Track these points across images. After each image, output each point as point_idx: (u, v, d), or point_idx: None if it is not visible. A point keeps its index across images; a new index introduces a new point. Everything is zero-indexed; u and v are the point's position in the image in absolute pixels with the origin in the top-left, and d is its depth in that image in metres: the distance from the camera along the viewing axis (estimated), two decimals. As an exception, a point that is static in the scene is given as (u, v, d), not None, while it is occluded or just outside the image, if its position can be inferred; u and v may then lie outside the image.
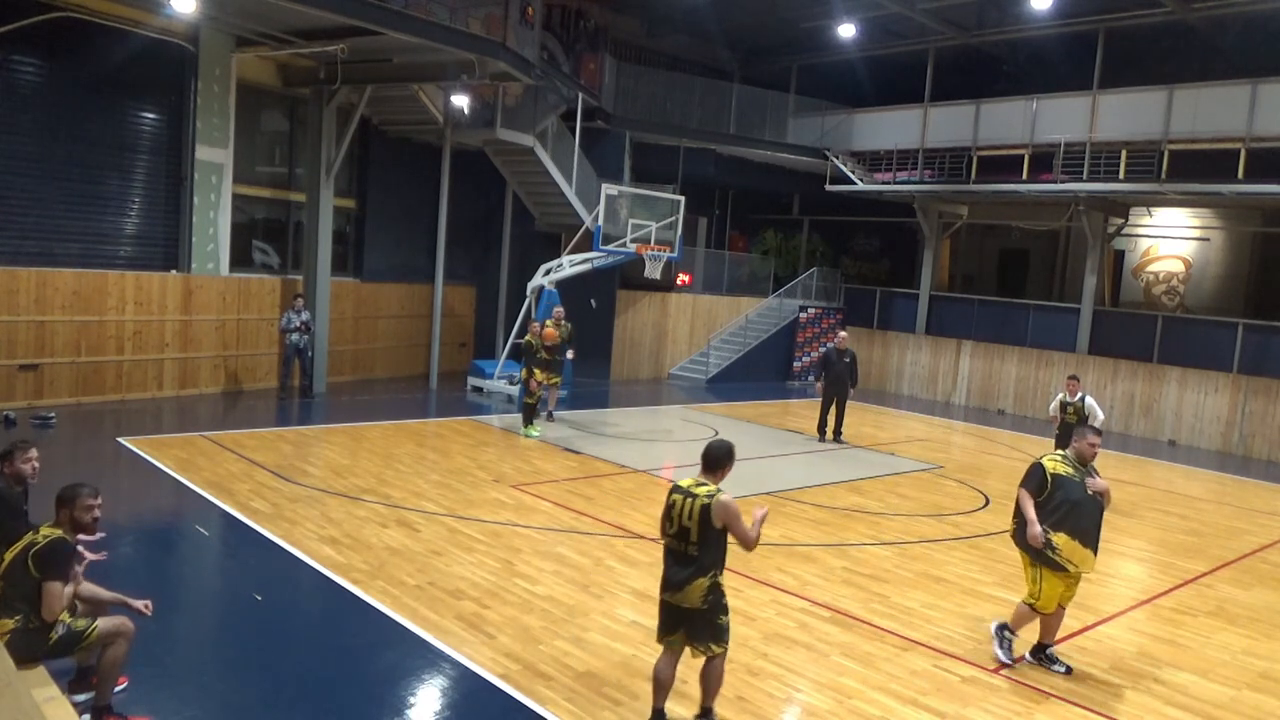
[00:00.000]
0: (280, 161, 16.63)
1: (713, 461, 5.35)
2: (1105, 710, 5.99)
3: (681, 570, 5.11)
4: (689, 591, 5.07)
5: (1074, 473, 6.39)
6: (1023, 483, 6.51)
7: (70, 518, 4.82)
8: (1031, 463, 6.59)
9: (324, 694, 5.54)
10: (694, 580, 5.06)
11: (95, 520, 4.92)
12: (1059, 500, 6.31)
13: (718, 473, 5.33)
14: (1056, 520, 6.29)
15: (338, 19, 12.43)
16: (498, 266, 19.93)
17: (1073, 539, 6.29)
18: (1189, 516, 11.97)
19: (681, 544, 5.12)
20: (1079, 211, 19.73)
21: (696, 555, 5.08)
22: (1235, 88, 16.58)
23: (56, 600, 4.63)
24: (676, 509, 5.16)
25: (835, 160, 21.89)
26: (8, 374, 12.60)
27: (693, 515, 5.08)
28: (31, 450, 5.62)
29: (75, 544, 4.86)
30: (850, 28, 20.41)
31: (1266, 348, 17.41)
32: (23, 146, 12.82)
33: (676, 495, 5.21)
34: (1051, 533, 6.29)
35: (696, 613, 5.09)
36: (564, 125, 18.68)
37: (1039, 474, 6.43)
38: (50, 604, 4.61)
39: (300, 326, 15.03)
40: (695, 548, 5.08)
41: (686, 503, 5.13)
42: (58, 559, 4.67)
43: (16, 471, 5.58)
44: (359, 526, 8.61)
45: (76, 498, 4.84)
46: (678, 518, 5.13)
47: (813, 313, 23.34)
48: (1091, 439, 6.50)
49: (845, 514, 10.55)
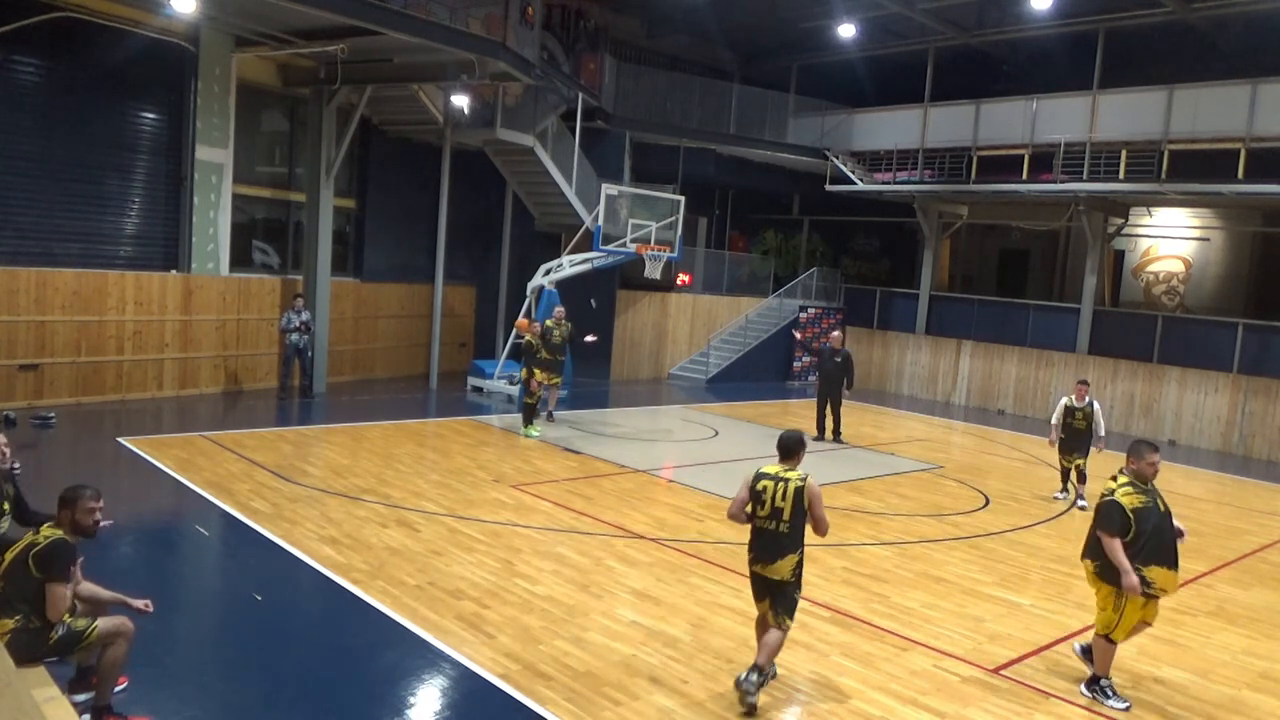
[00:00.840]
0: (280, 161, 16.63)
1: (789, 450, 5.89)
2: (1105, 710, 5.99)
3: (774, 546, 5.71)
4: (780, 565, 5.70)
5: (1145, 498, 6.03)
6: (1103, 527, 5.98)
7: (71, 519, 4.80)
8: (1102, 502, 6.08)
9: (324, 694, 5.54)
10: (786, 555, 5.70)
11: (97, 523, 4.89)
12: (1142, 533, 5.92)
13: (795, 459, 5.87)
14: (1145, 555, 5.91)
15: (338, 19, 12.43)
16: (498, 266, 19.93)
17: (1161, 566, 5.94)
18: (1189, 516, 11.95)
19: (774, 523, 5.71)
20: (1079, 211, 19.73)
21: (788, 533, 5.70)
22: (1235, 88, 16.58)
23: (60, 601, 4.62)
24: (768, 493, 5.72)
25: (835, 160, 21.89)
26: (8, 374, 12.60)
27: (786, 496, 5.68)
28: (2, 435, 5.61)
29: (77, 545, 4.83)
30: (850, 28, 20.41)
31: (1266, 348, 17.41)
32: (23, 146, 12.82)
33: (766, 481, 5.76)
34: (1143, 569, 5.90)
35: (784, 584, 5.73)
36: (564, 125, 18.68)
37: (1119, 515, 5.96)
38: (54, 605, 4.61)
39: (300, 326, 15.03)
40: (787, 525, 5.69)
41: (779, 486, 5.72)
42: (59, 559, 4.66)
43: None
44: (359, 526, 8.61)
45: (78, 499, 4.82)
46: (770, 500, 5.71)
47: (813, 313, 23.34)
48: (1151, 457, 6.13)
49: (845, 514, 10.55)
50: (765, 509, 5.73)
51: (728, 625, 6.89)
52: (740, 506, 5.83)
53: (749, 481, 5.83)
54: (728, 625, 6.89)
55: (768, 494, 5.73)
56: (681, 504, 10.42)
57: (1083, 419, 11.60)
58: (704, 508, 10.29)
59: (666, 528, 9.39)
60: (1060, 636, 7.20)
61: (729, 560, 8.44)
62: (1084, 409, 11.62)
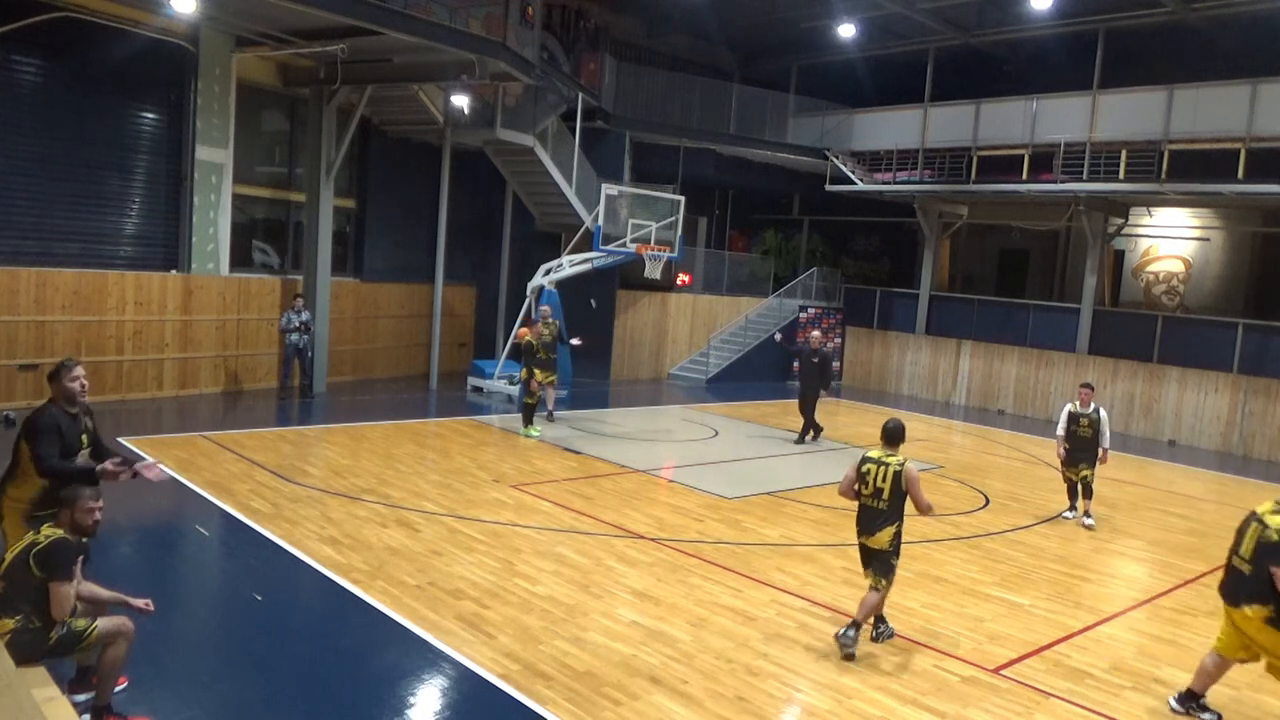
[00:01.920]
0: (280, 161, 16.63)
1: (893, 437, 6.74)
2: (1105, 710, 5.99)
3: (875, 521, 6.57)
4: (880, 536, 6.57)
5: None
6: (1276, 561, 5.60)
7: (71, 519, 4.78)
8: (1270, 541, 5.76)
9: (324, 694, 5.54)
10: (885, 528, 6.56)
11: (96, 523, 4.87)
12: None
13: (897, 445, 6.71)
14: None
15: (338, 19, 12.43)
16: (498, 266, 19.93)
17: None
18: (1189, 516, 11.97)
19: (875, 501, 6.57)
20: (1079, 211, 19.73)
21: (886, 509, 6.54)
22: (1235, 88, 16.58)
23: (64, 600, 4.61)
24: (871, 475, 6.59)
25: (835, 160, 21.89)
26: (8, 374, 12.60)
27: (886, 478, 6.52)
28: (78, 369, 5.46)
29: (78, 544, 4.83)
30: (850, 28, 20.42)
31: (1266, 348, 17.41)
32: (23, 146, 12.81)
33: (870, 465, 6.62)
34: None
35: (883, 552, 6.60)
36: (564, 125, 18.68)
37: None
38: (58, 604, 4.59)
39: (300, 326, 15.03)
40: (885, 503, 6.53)
41: (880, 469, 6.56)
42: (62, 559, 4.65)
43: (66, 391, 5.41)
44: (359, 526, 8.61)
45: (77, 499, 4.80)
46: (872, 481, 6.58)
47: (813, 313, 23.34)
48: None
49: (845, 514, 10.53)
50: (869, 488, 6.59)
51: (728, 625, 6.89)
52: (849, 485, 6.77)
53: (856, 464, 6.72)
54: (728, 625, 6.89)
55: (871, 475, 6.59)
56: (681, 504, 10.42)
57: (1088, 426, 10.73)
58: (704, 508, 10.29)
59: (666, 528, 9.39)
60: (1060, 636, 7.20)
61: (729, 560, 8.45)
62: (1089, 415, 10.75)
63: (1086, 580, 8.81)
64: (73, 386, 5.28)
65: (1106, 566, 9.43)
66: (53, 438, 5.14)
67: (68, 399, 5.25)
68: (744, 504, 10.61)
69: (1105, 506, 11.95)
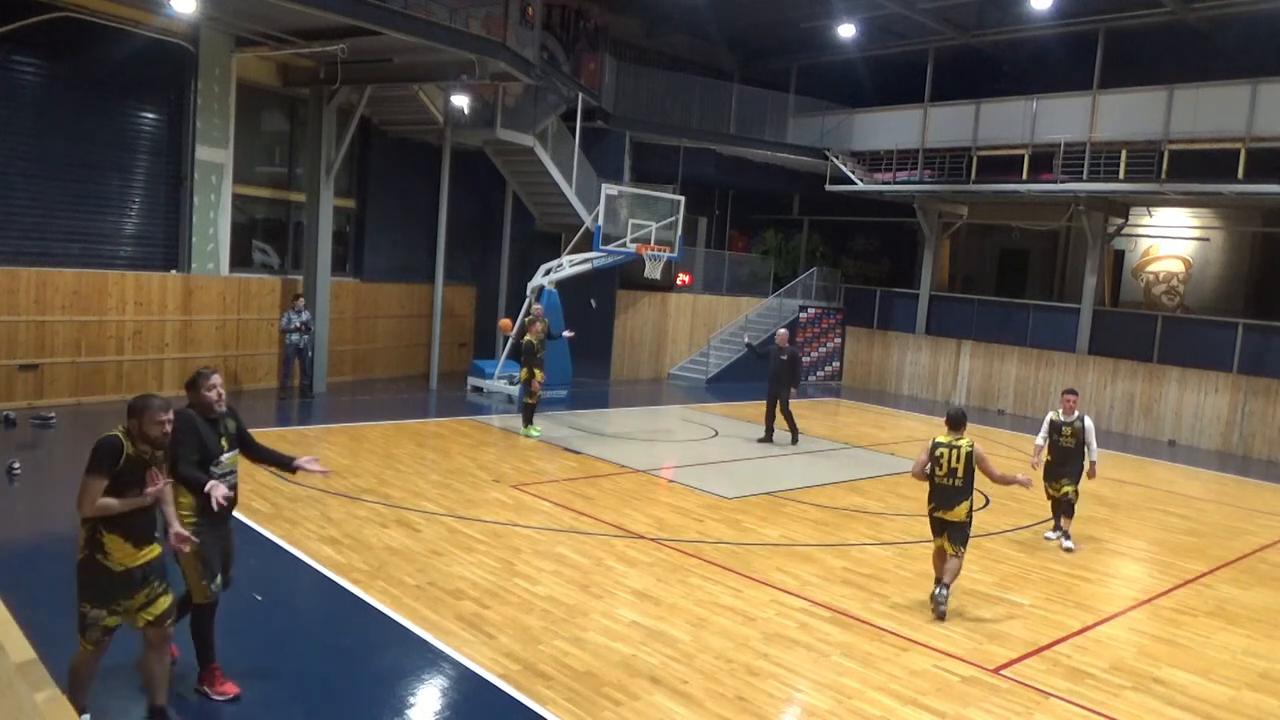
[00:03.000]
0: (280, 161, 16.63)
1: (957, 422, 7.59)
2: (1105, 710, 5.99)
3: (953, 498, 7.44)
4: (958, 510, 7.44)
5: None
6: None
7: (139, 429, 4.58)
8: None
9: (324, 694, 5.54)
10: (961, 503, 7.43)
11: (166, 434, 4.66)
12: None
13: (962, 429, 7.57)
14: None
15: (338, 19, 12.43)
16: (498, 266, 19.93)
17: None
18: (1189, 516, 11.96)
19: (950, 480, 7.42)
20: (1079, 211, 19.73)
21: (961, 486, 7.41)
22: (1235, 88, 16.58)
23: (85, 494, 4.46)
24: (944, 457, 7.43)
25: (835, 160, 21.88)
26: (8, 374, 12.60)
27: (959, 459, 7.40)
28: (214, 377, 5.30)
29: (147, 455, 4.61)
30: (850, 28, 20.41)
31: (1266, 348, 17.41)
32: (23, 146, 12.82)
33: (941, 449, 7.46)
34: None
35: (960, 523, 7.47)
36: (564, 125, 18.68)
37: None
38: (81, 494, 4.46)
39: (300, 326, 15.03)
40: (960, 481, 7.41)
41: (952, 452, 7.44)
42: (96, 453, 4.51)
43: (202, 400, 5.25)
44: (359, 526, 8.61)
45: (146, 409, 4.60)
46: (946, 462, 7.42)
47: (813, 313, 23.34)
48: None
49: (845, 514, 10.55)
50: (943, 469, 7.42)
51: (728, 625, 6.89)
52: (921, 467, 7.57)
53: (928, 449, 7.54)
54: (728, 625, 6.89)
55: (944, 458, 7.43)
56: (681, 504, 10.42)
57: (1071, 436, 9.76)
58: (704, 508, 10.29)
59: (666, 528, 9.39)
60: (1060, 636, 7.21)
61: (729, 560, 8.45)
62: (1072, 424, 9.79)
63: (1086, 580, 8.81)
64: (209, 396, 5.22)
65: (1106, 566, 9.43)
66: (191, 439, 5.09)
67: (204, 408, 5.22)
68: (744, 504, 10.61)
69: (1105, 507, 11.96)
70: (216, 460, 5.20)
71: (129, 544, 4.60)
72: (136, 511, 4.61)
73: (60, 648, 5.34)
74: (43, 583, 6.91)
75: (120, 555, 4.58)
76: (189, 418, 5.12)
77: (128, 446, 4.55)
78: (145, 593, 4.69)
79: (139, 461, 4.58)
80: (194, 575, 5.20)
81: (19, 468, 9.51)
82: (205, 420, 5.22)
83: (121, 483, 4.53)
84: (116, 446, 4.52)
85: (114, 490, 4.51)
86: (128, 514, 4.57)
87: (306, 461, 5.58)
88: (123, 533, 4.58)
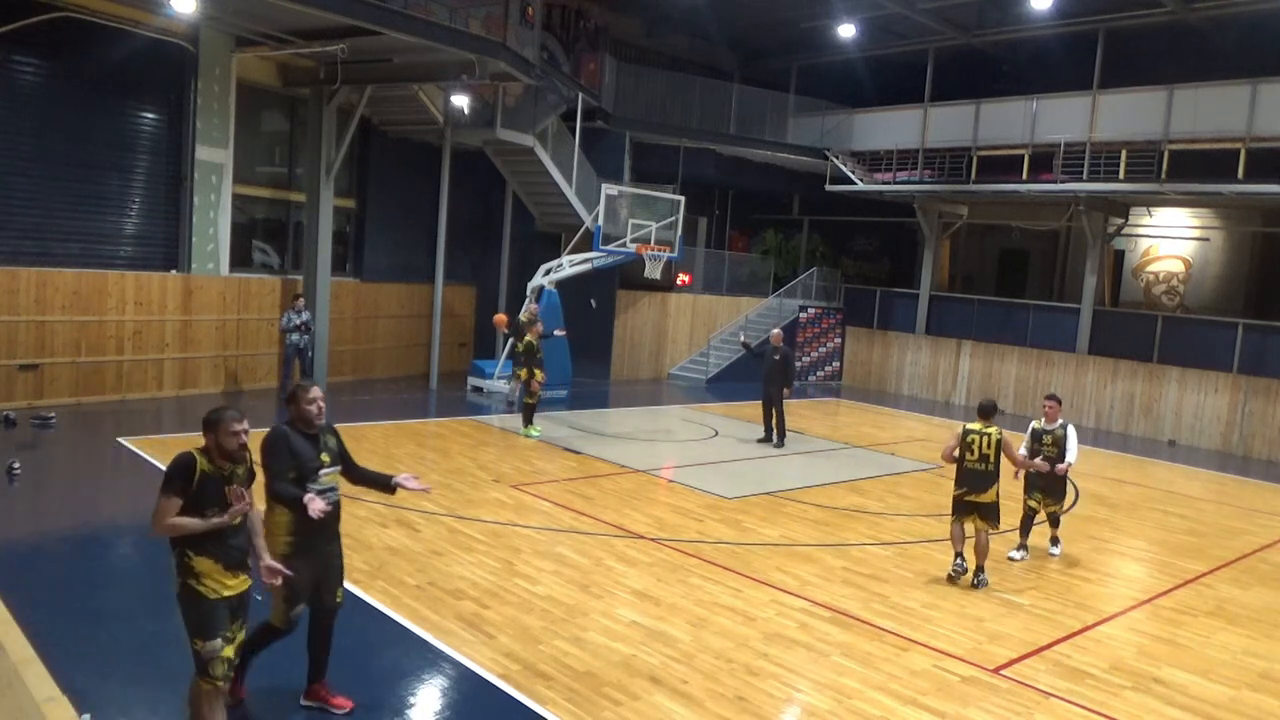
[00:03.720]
0: (280, 161, 16.63)
1: (988, 412, 8.27)
2: (1105, 710, 5.99)
3: (982, 481, 8.09)
4: (990, 493, 8.10)
5: None
6: None
7: (216, 443, 4.41)
8: None
9: (324, 694, 5.53)
10: (991, 486, 8.10)
11: (243, 446, 4.47)
12: None
13: (991, 418, 8.23)
14: None
15: (338, 19, 12.43)
16: (498, 266, 19.92)
17: None
18: (1189, 516, 11.96)
19: (983, 464, 8.07)
20: (1079, 211, 19.73)
21: (992, 470, 8.05)
22: (1235, 88, 16.57)
23: (157, 512, 4.32)
24: (976, 443, 8.07)
25: (835, 160, 21.88)
26: (8, 374, 12.60)
27: (990, 445, 8.05)
28: (314, 390, 5.08)
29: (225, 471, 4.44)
30: (850, 28, 20.41)
31: (1266, 348, 17.41)
32: (23, 146, 12.82)
33: (973, 435, 8.09)
34: None
35: (993, 504, 8.15)
36: (564, 125, 18.68)
37: None
38: (155, 513, 4.32)
39: (300, 326, 15.03)
40: (991, 465, 8.04)
41: (983, 438, 8.07)
42: (170, 471, 4.35)
43: (302, 414, 5.02)
44: (359, 526, 8.61)
45: (220, 422, 4.41)
46: (978, 448, 8.07)
47: (813, 313, 23.34)
48: None
49: (845, 514, 10.55)
50: (975, 454, 8.07)
51: (728, 625, 6.89)
52: (950, 452, 8.22)
53: (959, 435, 8.16)
54: (728, 625, 6.89)
55: (976, 444, 8.06)
56: (681, 504, 10.42)
57: (1053, 445, 9.15)
58: (704, 508, 10.29)
59: (666, 528, 9.39)
60: (1060, 636, 7.21)
61: (729, 560, 8.45)
62: (1054, 432, 9.19)
63: (1086, 580, 8.81)
64: (309, 410, 4.98)
65: (1106, 566, 9.43)
66: (283, 455, 4.88)
67: (305, 421, 4.99)
68: (744, 504, 10.61)
69: (1105, 507, 11.96)
70: (314, 477, 4.94)
71: (220, 567, 4.41)
72: (224, 534, 4.41)
73: (60, 648, 5.36)
74: (43, 583, 6.93)
75: (215, 581, 4.39)
76: (281, 433, 4.92)
77: (202, 463, 4.36)
78: (237, 625, 4.51)
79: (216, 478, 4.39)
80: (278, 597, 4.97)
81: (19, 468, 9.51)
82: (304, 436, 4.98)
83: (200, 502, 4.35)
84: (189, 464, 4.34)
85: (192, 510, 4.33)
86: (214, 536, 4.37)
87: (406, 479, 5.24)
88: (212, 556, 4.39)
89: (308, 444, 4.97)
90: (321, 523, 4.82)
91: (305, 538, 4.92)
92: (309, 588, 5.06)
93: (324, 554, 5.11)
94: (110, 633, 6.14)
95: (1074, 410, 19.44)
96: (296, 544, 4.91)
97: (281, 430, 4.95)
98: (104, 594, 6.90)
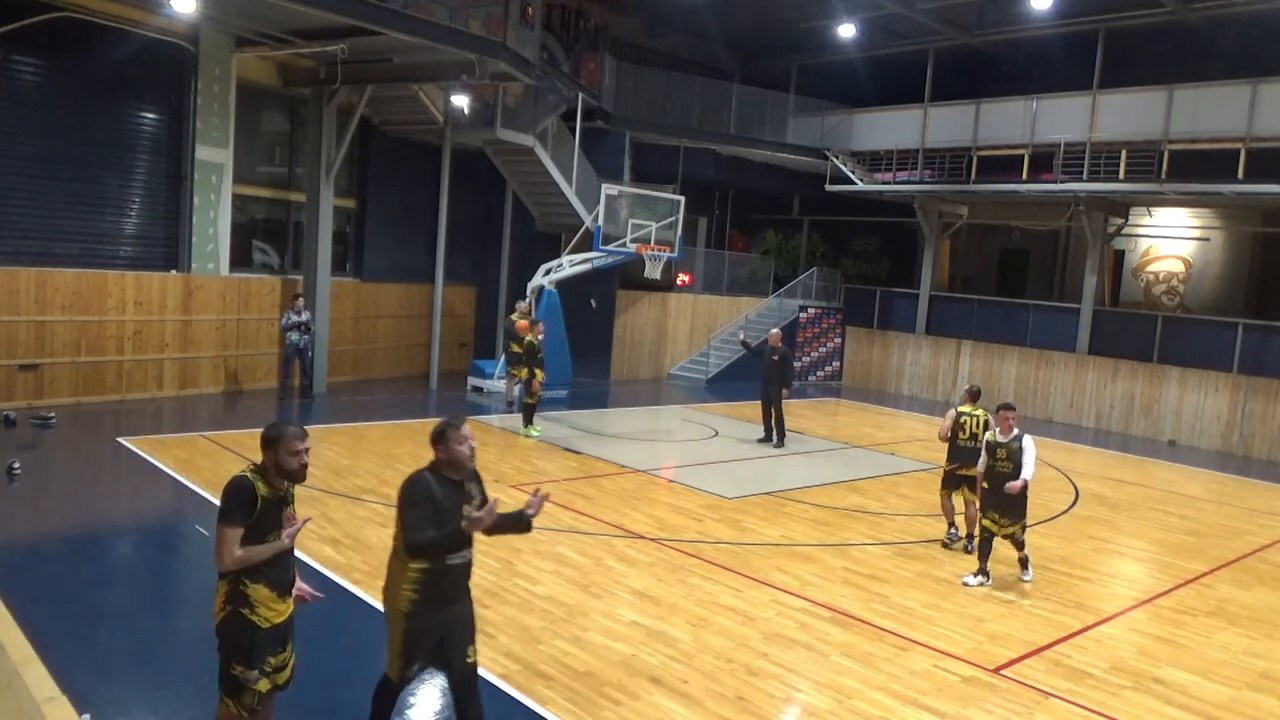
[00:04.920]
0: (280, 161, 16.63)
1: (976, 396, 9.38)
2: (1105, 710, 5.99)
3: (972, 457, 8.86)
4: (977, 466, 8.69)
5: None
6: None
7: (275, 462, 4.10)
8: None
9: (324, 694, 5.53)
10: (977, 459, 8.71)
11: (304, 466, 4.16)
12: None
13: (978, 401, 9.32)
14: None
15: (338, 19, 12.43)
16: (498, 266, 19.92)
17: None
18: (1189, 516, 11.96)
19: (971, 442, 8.98)
20: (1079, 211, 19.73)
21: (979, 447, 8.73)
22: (1235, 88, 16.57)
23: (223, 546, 4.01)
24: (968, 424, 9.09)
25: (835, 160, 21.88)
26: (8, 374, 12.60)
27: (979, 425, 9.02)
28: (465, 428, 4.43)
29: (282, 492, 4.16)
30: (850, 28, 20.41)
31: (1266, 348, 17.41)
32: (23, 146, 12.81)
33: (965, 417, 9.14)
34: None
35: (976, 477, 8.75)
36: (564, 125, 18.68)
37: None
38: (219, 547, 4.02)
39: (300, 326, 15.03)
40: (979, 443, 8.77)
41: (973, 419, 9.10)
42: (230, 499, 4.03)
43: (453, 457, 4.41)
44: (359, 526, 8.61)
45: (281, 438, 4.09)
46: (969, 428, 9.07)
47: (813, 313, 23.34)
48: None
49: (845, 514, 10.55)
50: (966, 433, 9.08)
51: (728, 625, 6.89)
52: (946, 431, 9.24)
53: (954, 417, 9.18)
54: (728, 625, 6.89)
55: (967, 425, 9.09)
56: (681, 504, 10.42)
57: (1007, 459, 8.18)
58: (704, 508, 10.29)
59: (666, 528, 9.39)
60: (1060, 636, 7.21)
61: (729, 560, 8.45)
62: (1008, 445, 8.23)
63: (1086, 580, 8.81)
64: (460, 451, 4.36)
65: (1106, 566, 9.43)
66: (425, 507, 4.29)
67: (454, 466, 4.38)
68: (744, 504, 10.61)
69: (1105, 507, 11.96)
70: None
71: (274, 593, 4.16)
72: (281, 558, 4.17)
73: (60, 648, 5.36)
74: (43, 583, 6.93)
75: (267, 609, 4.14)
76: (424, 481, 4.34)
77: (260, 488, 4.07)
78: (286, 650, 4.30)
79: (275, 502, 4.13)
80: (392, 649, 4.48)
81: (19, 468, 9.52)
82: (448, 483, 4.37)
83: (260, 529, 4.06)
84: (249, 491, 4.04)
85: (253, 538, 4.04)
86: (271, 561, 4.11)
87: (534, 504, 4.48)
88: (267, 582, 4.13)
89: (452, 493, 4.37)
90: (451, 580, 4.40)
91: (431, 595, 4.36)
92: (430, 647, 4.49)
93: (451, 614, 4.50)
94: (110, 633, 6.14)
95: (1074, 410, 19.47)
96: (420, 602, 4.36)
97: (423, 478, 4.37)
98: (104, 594, 6.89)
